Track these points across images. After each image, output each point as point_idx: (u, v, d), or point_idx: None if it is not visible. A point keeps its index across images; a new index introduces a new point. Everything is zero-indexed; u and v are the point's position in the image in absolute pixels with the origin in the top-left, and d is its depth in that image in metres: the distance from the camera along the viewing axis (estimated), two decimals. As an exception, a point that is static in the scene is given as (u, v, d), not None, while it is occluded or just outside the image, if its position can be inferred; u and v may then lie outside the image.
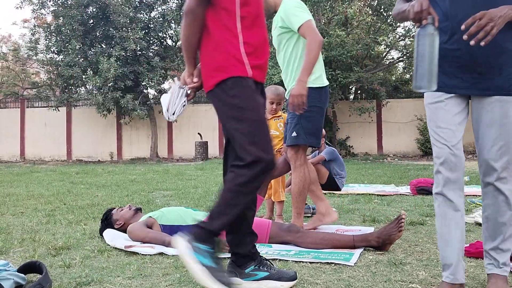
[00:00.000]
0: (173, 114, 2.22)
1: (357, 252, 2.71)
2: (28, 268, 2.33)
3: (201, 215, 3.14)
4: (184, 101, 2.21)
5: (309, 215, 4.11)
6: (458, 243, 1.99)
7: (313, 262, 2.52)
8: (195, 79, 2.17)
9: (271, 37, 3.48)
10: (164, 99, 2.26)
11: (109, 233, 3.19)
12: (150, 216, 3.15)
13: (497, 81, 1.94)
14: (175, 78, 2.30)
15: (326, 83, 3.35)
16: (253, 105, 2.02)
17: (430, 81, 1.84)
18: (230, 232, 2.17)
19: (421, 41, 1.84)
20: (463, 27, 1.84)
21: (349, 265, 2.46)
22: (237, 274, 2.15)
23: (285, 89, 3.47)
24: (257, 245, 2.89)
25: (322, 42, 3.12)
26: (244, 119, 2.00)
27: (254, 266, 2.17)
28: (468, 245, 2.67)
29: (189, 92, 2.22)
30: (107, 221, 3.31)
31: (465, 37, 1.84)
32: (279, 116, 4.04)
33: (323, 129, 3.58)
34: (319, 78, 3.27)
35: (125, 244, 2.92)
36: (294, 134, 3.23)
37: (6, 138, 18.14)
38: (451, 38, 1.96)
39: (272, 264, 2.24)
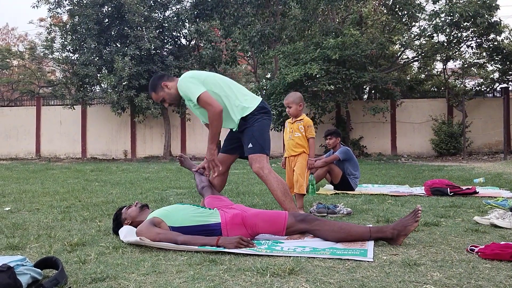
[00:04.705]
0: None
1: (370, 246, 2.74)
2: (45, 263, 2.36)
3: (209, 213, 3.10)
4: None
5: (325, 214, 4.09)
6: None
7: (327, 260, 2.51)
8: None
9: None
10: None
11: (123, 230, 3.21)
12: (155, 216, 3.07)
13: None
14: None
15: (255, 104, 3.57)
16: None
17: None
18: None
19: None
20: None
21: (368, 261, 2.48)
22: None
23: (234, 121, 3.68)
24: (270, 242, 2.91)
25: (221, 111, 3.39)
26: None
27: None
28: (483, 246, 2.64)
29: None
30: (118, 221, 3.35)
31: None
32: (300, 120, 4.42)
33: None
34: (247, 102, 3.56)
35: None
36: (258, 146, 3.49)
37: (22, 135, 18.40)
38: None
39: None
